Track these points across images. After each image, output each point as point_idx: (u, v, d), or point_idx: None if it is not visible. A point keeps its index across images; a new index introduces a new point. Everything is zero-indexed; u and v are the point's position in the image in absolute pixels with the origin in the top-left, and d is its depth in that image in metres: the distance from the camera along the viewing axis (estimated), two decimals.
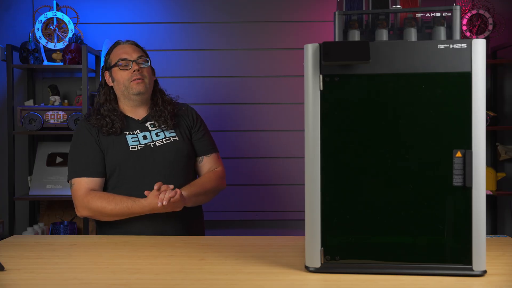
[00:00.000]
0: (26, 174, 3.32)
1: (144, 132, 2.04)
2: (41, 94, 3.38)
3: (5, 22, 3.35)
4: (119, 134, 2.01)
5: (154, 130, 2.05)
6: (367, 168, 1.33)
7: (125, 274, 1.40)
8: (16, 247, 1.70)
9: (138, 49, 2.09)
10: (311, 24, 3.33)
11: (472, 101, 1.30)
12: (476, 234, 1.30)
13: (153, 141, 2.03)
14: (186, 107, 2.17)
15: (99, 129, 2.02)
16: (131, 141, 2.01)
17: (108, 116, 2.02)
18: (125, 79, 2.02)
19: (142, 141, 2.02)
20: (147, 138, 2.03)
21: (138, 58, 2.05)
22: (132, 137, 2.02)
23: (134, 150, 1.99)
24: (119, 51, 2.07)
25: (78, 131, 2.06)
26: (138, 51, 2.08)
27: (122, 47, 2.08)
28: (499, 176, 3.23)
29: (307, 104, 1.34)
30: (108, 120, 2.01)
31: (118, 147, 1.99)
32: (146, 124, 2.07)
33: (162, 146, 2.02)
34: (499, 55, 3.30)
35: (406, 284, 1.28)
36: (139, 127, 2.05)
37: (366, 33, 1.51)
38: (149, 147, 2.01)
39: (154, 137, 2.04)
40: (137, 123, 2.06)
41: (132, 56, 2.04)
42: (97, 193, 1.94)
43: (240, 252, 1.60)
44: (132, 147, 2.00)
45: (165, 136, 2.04)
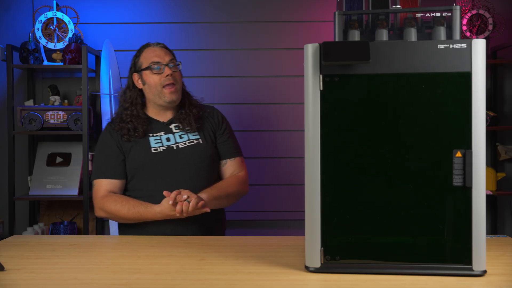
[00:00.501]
0: (26, 174, 3.32)
1: (167, 134, 2.04)
2: (41, 94, 3.38)
3: (5, 22, 3.35)
4: (142, 137, 2.02)
5: (178, 132, 2.05)
6: (367, 168, 1.33)
7: (125, 274, 1.40)
8: (16, 247, 1.70)
9: (169, 53, 2.08)
10: (311, 24, 3.33)
11: (472, 101, 1.30)
12: (476, 234, 1.30)
13: (176, 143, 2.02)
14: (211, 109, 2.16)
15: (121, 136, 2.03)
16: (153, 143, 2.01)
17: (130, 122, 2.02)
18: (157, 83, 2.02)
19: (165, 143, 2.02)
20: (170, 140, 2.03)
21: (170, 61, 2.04)
22: (155, 139, 2.02)
23: (156, 152, 1.99)
24: (151, 53, 2.05)
25: (102, 134, 2.11)
26: (170, 55, 2.07)
27: (153, 49, 2.06)
28: (499, 176, 3.23)
29: (307, 104, 1.34)
30: (130, 126, 2.01)
31: (140, 149, 2.00)
32: (171, 126, 2.06)
33: (185, 148, 2.02)
34: (499, 55, 3.29)
35: (406, 284, 1.28)
36: (163, 129, 2.05)
37: (366, 33, 1.51)
38: (171, 149, 2.01)
39: (177, 139, 2.03)
40: (161, 125, 2.06)
41: (165, 59, 2.03)
42: (114, 196, 1.96)
43: (240, 252, 1.60)
44: (154, 149, 2.00)
45: (188, 139, 2.03)
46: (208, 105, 2.18)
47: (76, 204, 3.32)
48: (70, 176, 3.22)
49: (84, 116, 3.07)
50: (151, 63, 2.02)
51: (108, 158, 2.03)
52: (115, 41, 3.31)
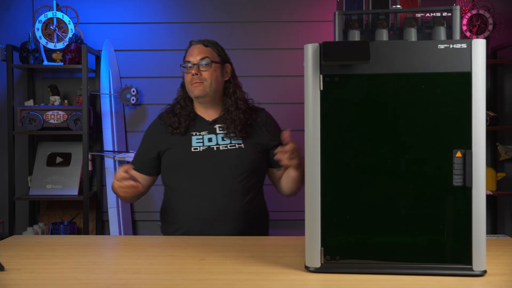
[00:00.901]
0: (26, 174, 3.32)
1: (210, 134, 2.04)
2: (41, 94, 3.38)
3: (5, 22, 3.35)
4: (184, 134, 2.03)
5: (221, 134, 2.04)
6: (367, 168, 1.33)
7: (125, 274, 1.40)
8: (16, 247, 1.70)
9: (205, 50, 2.07)
10: (311, 24, 3.33)
11: (472, 101, 1.30)
12: (476, 234, 1.30)
13: (217, 144, 2.01)
14: (263, 117, 2.12)
15: (166, 127, 2.06)
16: (195, 142, 2.02)
17: (178, 115, 2.05)
18: (187, 82, 2.05)
19: (206, 143, 2.02)
20: (212, 140, 2.02)
21: (201, 60, 2.04)
22: (197, 138, 2.03)
23: (195, 151, 2.00)
24: (188, 52, 2.10)
25: (150, 127, 2.16)
26: (204, 52, 2.06)
27: (191, 48, 2.10)
28: (499, 176, 3.23)
29: (307, 104, 1.34)
30: (176, 120, 2.04)
31: (181, 146, 2.01)
32: (215, 126, 2.06)
33: (226, 151, 2.00)
34: (499, 55, 3.29)
35: (406, 284, 1.28)
36: (207, 129, 2.05)
37: (366, 33, 1.51)
38: (211, 150, 2.00)
39: (219, 140, 2.02)
40: (206, 124, 2.06)
41: (196, 58, 2.05)
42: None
43: (240, 252, 1.60)
44: (194, 147, 2.00)
45: (230, 142, 2.02)
46: (260, 110, 2.15)
47: (76, 204, 3.32)
48: (70, 176, 3.22)
49: (84, 116, 3.07)
50: (184, 62, 2.08)
51: (141, 151, 2.12)
52: (115, 41, 3.31)
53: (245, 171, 1.99)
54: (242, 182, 1.98)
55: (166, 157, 2.03)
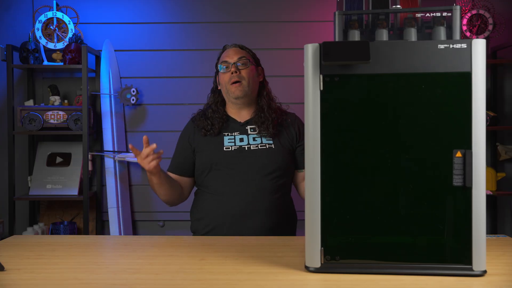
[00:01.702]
0: (26, 174, 3.32)
1: (242, 135, 2.09)
2: (41, 94, 3.38)
3: (5, 22, 3.35)
4: (217, 135, 2.08)
5: (253, 134, 2.09)
6: (367, 168, 1.33)
7: (125, 274, 1.40)
8: (16, 247, 1.70)
9: (241, 51, 2.13)
10: (311, 24, 3.33)
11: (472, 101, 1.30)
12: (476, 234, 1.30)
13: (248, 144, 2.06)
14: (293, 118, 2.18)
15: (199, 130, 2.11)
16: (227, 142, 2.07)
17: (211, 118, 2.10)
18: (225, 82, 2.08)
19: (238, 143, 2.07)
20: (244, 140, 2.07)
21: (238, 59, 2.09)
22: (229, 138, 2.08)
23: (227, 151, 2.05)
24: (224, 55, 2.13)
25: (182, 131, 2.20)
26: (240, 53, 2.11)
27: (227, 51, 2.14)
28: (499, 176, 3.23)
29: (307, 104, 1.34)
30: (209, 122, 2.09)
31: (214, 147, 2.06)
32: (247, 127, 2.11)
33: (256, 150, 2.05)
34: (499, 55, 3.30)
35: (406, 284, 1.28)
36: (239, 129, 2.10)
37: (366, 33, 1.51)
38: (243, 149, 2.05)
39: (251, 140, 2.08)
40: (238, 125, 2.11)
41: (233, 58, 2.09)
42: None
43: (240, 252, 1.60)
44: (226, 147, 2.05)
45: (261, 142, 2.07)
46: (290, 113, 2.20)
47: (76, 204, 3.32)
48: (70, 176, 3.22)
49: (84, 116, 3.07)
50: (221, 63, 2.11)
51: (177, 154, 2.16)
52: (115, 41, 3.31)
53: (275, 170, 2.04)
54: (272, 181, 2.03)
55: (200, 157, 2.09)
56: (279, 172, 2.05)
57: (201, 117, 2.14)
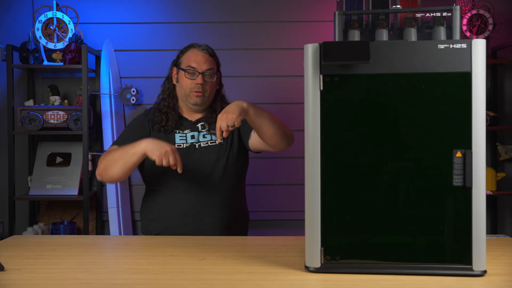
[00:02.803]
0: (26, 174, 3.32)
1: (193, 132, 2.09)
2: (41, 94, 3.38)
3: (5, 22, 3.35)
4: (170, 132, 2.07)
5: (203, 132, 2.09)
6: (367, 168, 1.33)
7: (125, 274, 1.40)
8: (16, 247, 1.70)
9: (210, 60, 2.09)
10: (311, 24, 3.33)
11: (472, 101, 1.30)
12: (476, 234, 1.30)
13: (198, 142, 2.07)
14: None
15: (153, 124, 2.08)
16: (178, 139, 2.07)
17: (165, 113, 2.08)
18: (187, 87, 2.06)
19: (189, 140, 2.07)
20: (194, 138, 2.08)
21: (207, 70, 2.07)
22: (180, 136, 2.08)
23: (179, 148, 2.05)
24: (192, 56, 2.08)
25: (134, 120, 2.15)
26: (209, 63, 2.08)
27: (196, 53, 2.09)
28: (499, 176, 3.23)
29: (307, 104, 1.34)
30: (163, 118, 2.07)
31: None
32: (198, 125, 2.11)
33: (206, 147, 2.06)
34: (499, 55, 3.29)
35: (406, 284, 1.28)
36: (190, 127, 2.10)
37: (366, 33, 1.51)
38: (193, 147, 2.06)
39: (201, 138, 2.08)
40: (189, 123, 2.11)
41: (202, 67, 2.06)
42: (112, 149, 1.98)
43: (240, 252, 1.60)
44: (178, 145, 2.06)
45: (211, 139, 2.08)
46: None
47: (76, 204, 3.32)
48: (70, 176, 3.22)
49: (84, 116, 3.07)
50: (188, 67, 2.06)
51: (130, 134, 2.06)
52: (115, 41, 3.31)
53: (226, 166, 2.04)
54: (224, 178, 2.03)
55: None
56: (231, 168, 2.06)
57: (155, 111, 2.11)
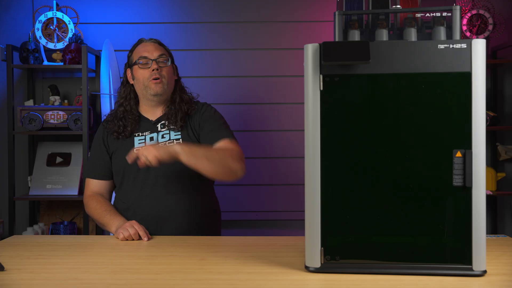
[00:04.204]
0: (26, 174, 3.32)
1: (152, 134, 2.03)
2: (41, 94, 3.38)
3: (5, 22, 3.35)
4: (128, 137, 2.02)
5: (162, 131, 2.03)
6: (367, 168, 1.33)
7: (125, 274, 1.40)
8: (16, 247, 1.70)
9: (160, 48, 2.07)
10: (311, 24, 3.33)
11: (472, 101, 1.30)
12: (476, 234, 1.30)
13: (157, 143, 2.00)
14: (200, 105, 2.08)
15: (109, 134, 2.05)
16: (137, 143, 2.02)
17: (122, 119, 2.04)
18: (144, 78, 2.01)
19: (148, 142, 2.01)
20: (153, 139, 2.02)
21: (159, 56, 2.03)
22: (139, 139, 2.02)
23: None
24: (141, 49, 2.05)
25: (96, 134, 2.13)
26: (160, 50, 2.05)
27: (144, 45, 2.07)
28: (499, 176, 3.23)
29: (307, 104, 1.34)
30: (120, 124, 2.03)
31: (125, 149, 1.99)
32: (158, 125, 2.05)
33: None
34: (499, 55, 3.29)
35: (406, 284, 1.28)
36: (150, 128, 2.04)
37: (366, 33, 1.51)
38: None
39: (159, 138, 2.01)
40: (149, 124, 2.05)
41: (153, 54, 2.02)
42: (95, 199, 2.02)
43: (240, 252, 1.60)
44: (137, 149, 1.96)
45: (169, 139, 2.00)
46: (201, 102, 2.12)
47: (76, 204, 3.32)
48: (70, 176, 3.22)
49: (84, 116, 3.07)
50: (140, 58, 2.02)
51: (95, 158, 2.08)
52: (115, 41, 3.31)
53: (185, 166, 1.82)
54: (186, 179, 1.97)
55: (114, 162, 2.04)
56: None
57: (113, 119, 2.05)
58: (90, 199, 2.04)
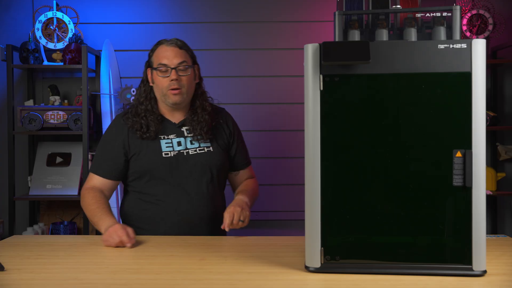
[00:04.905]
0: (26, 174, 3.32)
1: (179, 138, 2.00)
2: (41, 94, 3.38)
3: (5, 22, 3.35)
4: (154, 138, 1.97)
5: (189, 137, 2.00)
6: (367, 168, 1.33)
7: (125, 274, 1.40)
8: (16, 247, 1.70)
9: (181, 53, 1.99)
10: (311, 24, 3.33)
11: (472, 101, 1.30)
12: (476, 234, 1.30)
13: (186, 149, 1.98)
14: (224, 117, 2.11)
15: (133, 132, 1.98)
16: (164, 147, 1.97)
17: (144, 117, 1.98)
18: (163, 86, 1.95)
19: (176, 148, 1.98)
20: (181, 144, 1.99)
21: (179, 64, 1.96)
22: (166, 142, 1.98)
23: (167, 157, 1.96)
24: (161, 53, 1.98)
25: (111, 126, 2.05)
26: (180, 56, 1.98)
27: (165, 49, 1.99)
28: (499, 176, 3.23)
29: (307, 104, 1.34)
30: (143, 122, 1.97)
31: (151, 152, 1.96)
32: (182, 129, 2.01)
33: (196, 155, 1.98)
34: (499, 55, 3.29)
35: (406, 284, 1.28)
36: (175, 132, 2.01)
37: (366, 33, 1.51)
38: (182, 155, 1.97)
39: (188, 144, 1.99)
40: (173, 127, 2.01)
41: (173, 62, 1.95)
42: (92, 193, 1.94)
43: (240, 252, 1.60)
44: (165, 153, 1.96)
45: (199, 146, 2.00)
46: (221, 110, 2.13)
47: (76, 204, 3.32)
48: (70, 176, 3.22)
49: (84, 116, 3.07)
50: (159, 65, 1.96)
51: (106, 157, 2.00)
52: (115, 41, 3.31)
53: (216, 174, 2.00)
54: (214, 186, 2.00)
55: (136, 162, 1.97)
56: (220, 176, 2.02)
57: (134, 116, 1.99)
58: (87, 191, 1.96)
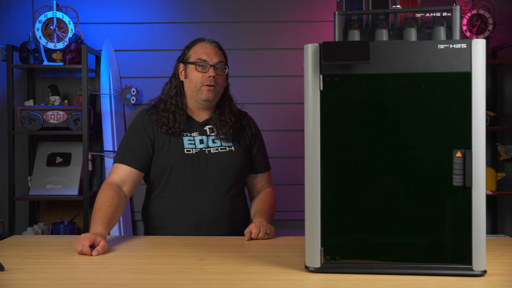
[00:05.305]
0: (26, 174, 3.32)
1: (201, 136, 2.00)
2: (41, 94, 3.38)
3: (5, 22, 3.35)
4: (178, 135, 1.97)
5: (212, 136, 2.01)
6: (367, 168, 1.33)
7: (125, 274, 1.40)
8: (16, 247, 1.70)
9: (220, 53, 2.03)
10: (311, 24, 3.33)
11: (472, 101, 1.30)
12: (476, 234, 1.30)
13: (208, 147, 1.98)
14: (247, 120, 2.12)
15: (159, 126, 1.97)
16: (187, 144, 1.97)
17: (173, 113, 1.97)
18: (198, 81, 1.96)
19: (198, 145, 1.98)
20: (203, 142, 1.99)
21: (218, 63, 1.99)
22: (189, 139, 1.98)
23: (188, 153, 1.96)
24: (201, 49, 2.00)
25: (135, 122, 2.02)
26: (219, 56, 2.01)
27: (206, 46, 2.02)
28: (499, 176, 3.23)
29: (307, 104, 1.34)
30: (171, 118, 1.96)
31: (174, 147, 1.96)
32: (205, 128, 2.02)
33: (217, 154, 1.98)
34: (499, 55, 3.29)
35: (406, 284, 1.28)
36: (198, 130, 2.01)
37: (366, 33, 1.51)
38: (203, 153, 1.97)
39: (210, 143, 2.00)
40: (197, 125, 2.01)
41: (213, 59, 1.98)
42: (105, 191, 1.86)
43: (240, 252, 1.60)
44: (187, 149, 1.96)
45: (221, 145, 2.00)
46: (243, 111, 2.15)
47: (76, 204, 3.32)
48: (70, 176, 3.22)
49: (84, 116, 3.07)
50: (198, 60, 1.97)
51: (134, 146, 1.97)
52: (115, 41, 3.31)
53: (235, 174, 2.00)
54: (234, 186, 2.00)
55: (158, 157, 1.97)
56: (239, 175, 2.02)
57: (162, 111, 1.98)
58: (104, 188, 1.88)
